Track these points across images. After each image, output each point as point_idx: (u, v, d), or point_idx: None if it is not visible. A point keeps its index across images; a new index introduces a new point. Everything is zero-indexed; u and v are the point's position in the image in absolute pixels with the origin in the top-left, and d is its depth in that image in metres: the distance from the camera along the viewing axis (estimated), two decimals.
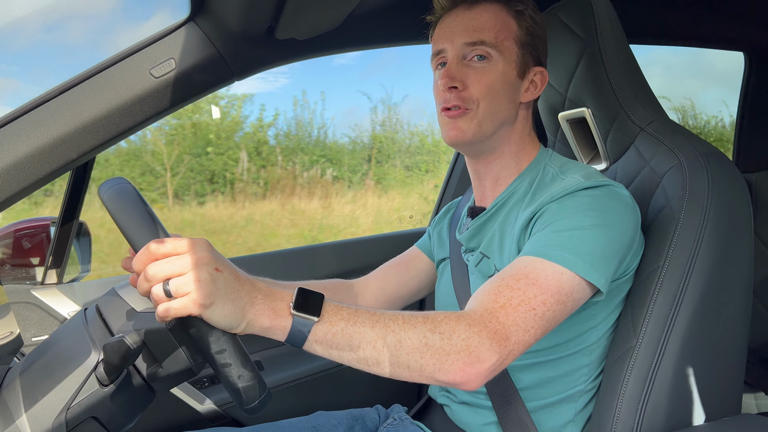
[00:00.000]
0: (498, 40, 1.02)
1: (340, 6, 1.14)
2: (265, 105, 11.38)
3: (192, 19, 1.17)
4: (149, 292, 0.72)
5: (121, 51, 1.15)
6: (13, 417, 0.76)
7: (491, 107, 1.03)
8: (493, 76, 1.02)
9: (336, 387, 1.70)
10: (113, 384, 0.78)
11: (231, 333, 0.74)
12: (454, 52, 1.04)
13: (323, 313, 0.76)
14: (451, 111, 1.04)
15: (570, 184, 0.97)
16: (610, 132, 1.19)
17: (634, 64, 1.19)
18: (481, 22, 1.03)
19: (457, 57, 1.04)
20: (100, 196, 0.80)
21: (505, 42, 1.03)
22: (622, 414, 0.97)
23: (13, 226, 1.57)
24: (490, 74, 1.02)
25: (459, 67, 1.03)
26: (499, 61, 1.03)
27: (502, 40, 1.03)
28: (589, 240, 0.89)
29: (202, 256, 0.72)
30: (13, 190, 1.06)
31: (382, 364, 0.77)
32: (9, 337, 0.88)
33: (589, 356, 1.03)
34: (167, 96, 1.16)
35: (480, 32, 1.02)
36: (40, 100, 1.09)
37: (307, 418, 1.20)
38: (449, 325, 0.78)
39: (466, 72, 1.03)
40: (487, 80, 1.02)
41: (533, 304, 0.82)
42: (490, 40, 1.02)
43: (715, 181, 1.02)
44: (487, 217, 1.10)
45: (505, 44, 1.03)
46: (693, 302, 0.98)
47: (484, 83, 1.02)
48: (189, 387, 1.52)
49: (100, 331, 0.81)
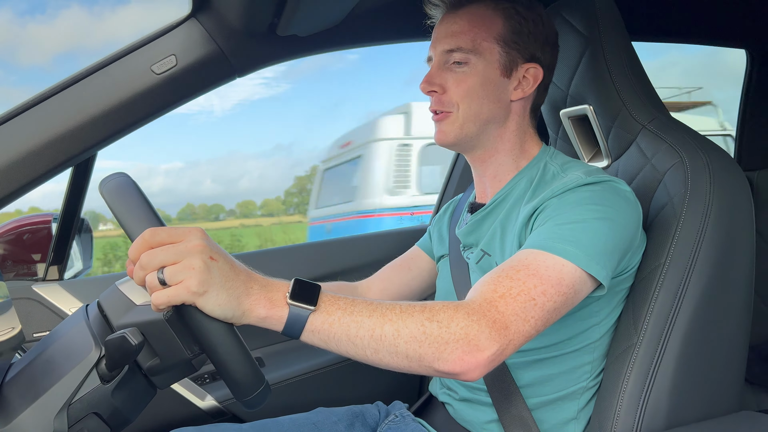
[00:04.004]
0: (475, 43, 1.04)
1: (342, 3, 1.14)
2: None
3: (193, 15, 1.17)
4: (144, 280, 0.72)
5: (122, 47, 1.15)
6: (15, 413, 0.76)
7: (471, 109, 1.05)
8: (472, 79, 1.04)
9: (336, 383, 1.70)
10: (115, 380, 0.78)
11: (228, 323, 0.74)
12: (437, 59, 1.08)
13: (320, 303, 0.76)
14: (436, 114, 1.08)
15: (571, 180, 0.97)
16: (612, 129, 1.19)
17: (636, 61, 1.19)
18: (459, 27, 1.05)
19: (439, 63, 1.07)
20: (100, 190, 0.80)
21: (484, 43, 1.04)
22: (622, 411, 0.97)
23: (15, 222, 1.58)
24: (468, 77, 1.05)
25: (440, 72, 1.07)
26: (478, 64, 1.04)
27: (481, 42, 1.04)
28: (591, 233, 0.89)
29: (196, 244, 0.72)
30: (15, 186, 1.06)
31: (380, 353, 0.77)
32: (11, 333, 0.88)
33: (591, 354, 1.03)
34: (168, 92, 1.16)
35: (456, 38, 1.05)
36: (41, 97, 1.09)
37: (308, 414, 1.20)
38: (447, 313, 0.78)
39: (446, 76, 1.06)
40: (466, 84, 1.05)
41: (533, 294, 0.82)
42: (467, 45, 1.04)
43: (716, 178, 1.02)
44: (486, 213, 1.10)
45: (484, 45, 1.04)
46: (694, 300, 0.98)
47: (462, 87, 1.05)
48: (190, 383, 1.53)
49: (102, 327, 0.81)
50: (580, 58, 1.17)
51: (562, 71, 1.22)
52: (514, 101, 1.08)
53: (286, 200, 26.89)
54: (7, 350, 0.88)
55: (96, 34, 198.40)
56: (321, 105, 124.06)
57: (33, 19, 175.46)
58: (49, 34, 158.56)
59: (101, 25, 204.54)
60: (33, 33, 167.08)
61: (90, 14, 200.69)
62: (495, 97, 1.06)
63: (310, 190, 7.92)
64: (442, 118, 1.07)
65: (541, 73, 1.07)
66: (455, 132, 1.07)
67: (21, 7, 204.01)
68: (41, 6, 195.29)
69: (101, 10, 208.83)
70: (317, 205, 7.12)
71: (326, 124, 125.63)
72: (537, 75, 1.07)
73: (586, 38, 1.16)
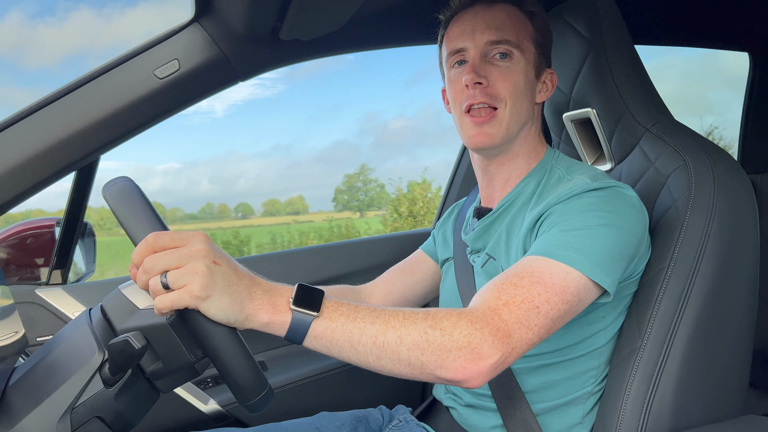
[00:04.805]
0: (519, 40, 1.03)
1: (345, 7, 1.14)
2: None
3: (196, 20, 1.17)
4: (147, 284, 0.72)
5: (125, 52, 1.15)
6: (19, 417, 0.76)
7: (516, 107, 1.03)
8: (517, 75, 1.03)
9: (340, 387, 1.70)
10: (118, 384, 0.78)
11: (231, 327, 0.74)
12: (476, 50, 1.03)
13: (323, 309, 0.76)
14: (476, 117, 1.03)
15: (577, 186, 0.96)
16: (615, 132, 1.19)
17: (639, 64, 1.19)
18: (502, 21, 1.03)
19: (480, 54, 1.03)
20: (103, 194, 0.80)
21: (525, 42, 1.04)
22: (626, 415, 0.97)
23: (19, 227, 1.58)
24: (514, 73, 1.03)
25: (483, 64, 1.03)
26: (521, 61, 1.03)
27: (522, 40, 1.03)
28: (596, 240, 0.88)
29: (199, 248, 0.72)
30: (18, 190, 1.07)
31: (382, 360, 0.77)
32: (14, 337, 0.88)
33: (597, 359, 1.03)
34: (171, 97, 1.16)
35: (503, 31, 1.02)
36: (45, 101, 1.09)
37: (311, 419, 1.20)
38: (450, 321, 0.77)
39: (490, 70, 1.02)
40: (513, 79, 1.02)
41: (537, 302, 0.82)
42: (513, 39, 1.02)
43: (720, 181, 1.02)
44: (494, 218, 1.09)
45: (525, 44, 1.04)
46: (698, 303, 0.98)
47: (510, 81, 1.02)
48: (193, 387, 1.52)
49: (105, 331, 0.81)
50: (583, 62, 1.17)
51: (565, 74, 1.22)
52: (537, 104, 1.09)
53: (336, 197, 27.38)
54: (11, 354, 0.88)
55: (104, 36, 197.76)
56: (321, 106, 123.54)
57: (42, 21, 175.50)
58: (58, 36, 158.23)
59: (109, 28, 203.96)
60: (42, 35, 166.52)
61: (99, 16, 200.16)
62: (531, 98, 1.06)
63: (359, 187, 7.80)
64: (487, 120, 1.02)
65: (556, 79, 1.10)
66: (502, 133, 1.03)
67: (32, 9, 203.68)
68: (51, 8, 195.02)
69: (110, 12, 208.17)
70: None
71: (325, 125, 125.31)
72: (554, 79, 1.10)
73: (588, 42, 1.16)
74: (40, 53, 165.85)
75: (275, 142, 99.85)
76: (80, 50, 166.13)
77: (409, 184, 12.50)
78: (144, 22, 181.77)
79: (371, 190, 26.52)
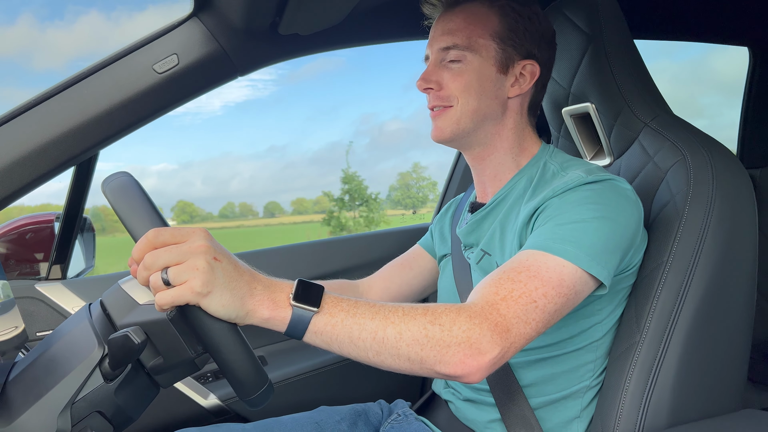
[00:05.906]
0: (471, 41, 1.04)
1: (344, 1, 1.14)
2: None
3: (195, 14, 1.17)
4: (148, 280, 0.72)
5: (124, 47, 1.15)
6: (19, 412, 0.77)
7: (469, 104, 1.05)
8: (468, 75, 1.05)
9: (339, 382, 1.70)
10: (118, 379, 0.79)
11: (231, 323, 0.74)
12: (433, 57, 1.09)
13: (323, 305, 0.76)
14: (433, 111, 1.08)
15: (572, 179, 0.97)
16: (614, 127, 1.19)
17: (638, 59, 1.19)
18: (455, 25, 1.06)
19: (435, 61, 1.08)
20: (102, 190, 0.80)
21: (480, 40, 1.05)
22: (625, 409, 0.97)
23: (18, 221, 1.58)
24: (465, 73, 1.05)
25: (436, 69, 1.08)
26: (474, 60, 1.05)
27: (476, 39, 1.05)
28: (591, 233, 0.89)
29: (200, 244, 0.72)
30: (17, 185, 1.07)
31: (381, 355, 0.77)
32: (14, 332, 0.89)
33: (594, 352, 1.03)
34: (170, 92, 1.16)
35: (452, 36, 1.05)
36: (43, 96, 1.09)
37: (310, 413, 1.21)
38: (449, 316, 0.78)
39: (442, 73, 1.07)
40: (463, 79, 1.05)
41: (534, 297, 0.82)
42: (462, 42, 1.05)
43: (719, 176, 1.02)
44: (486, 213, 1.10)
45: (480, 42, 1.05)
46: (697, 298, 0.98)
47: (459, 81, 1.05)
48: (193, 382, 1.53)
49: (105, 326, 0.81)
50: (582, 56, 1.17)
51: (564, 69, 1.22)
52: (512, 98, 1.08)
53: (389, 196, 27.90)
54: (11, 349, 0.88)
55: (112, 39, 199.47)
56: (318, 107, 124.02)
57: (52, 24, 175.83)
58: (67, 38, 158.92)
59: (118, 31, 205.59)
60: (51, 37, 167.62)
61: (107, 20, 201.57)
62: (492, 93, 1.06)
63: (412, 186, 7.73)
64: (439, 114, 1.07)
65: (537, 70, 1.08)
66: (451, 127, 1.07)
67: (42, 12, 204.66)
68: (60, 12, 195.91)
69: (118, 15, 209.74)
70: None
71: (322, 126, 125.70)
72: (534, 72, 1.08)
73: (588, 36, 1.15)
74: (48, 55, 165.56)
75: (271, 143, 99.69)
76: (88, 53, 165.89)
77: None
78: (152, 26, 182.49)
79: (424, 188, 26.72)
